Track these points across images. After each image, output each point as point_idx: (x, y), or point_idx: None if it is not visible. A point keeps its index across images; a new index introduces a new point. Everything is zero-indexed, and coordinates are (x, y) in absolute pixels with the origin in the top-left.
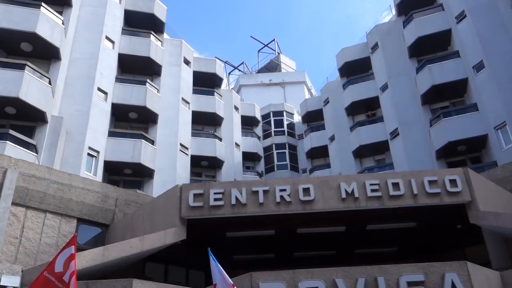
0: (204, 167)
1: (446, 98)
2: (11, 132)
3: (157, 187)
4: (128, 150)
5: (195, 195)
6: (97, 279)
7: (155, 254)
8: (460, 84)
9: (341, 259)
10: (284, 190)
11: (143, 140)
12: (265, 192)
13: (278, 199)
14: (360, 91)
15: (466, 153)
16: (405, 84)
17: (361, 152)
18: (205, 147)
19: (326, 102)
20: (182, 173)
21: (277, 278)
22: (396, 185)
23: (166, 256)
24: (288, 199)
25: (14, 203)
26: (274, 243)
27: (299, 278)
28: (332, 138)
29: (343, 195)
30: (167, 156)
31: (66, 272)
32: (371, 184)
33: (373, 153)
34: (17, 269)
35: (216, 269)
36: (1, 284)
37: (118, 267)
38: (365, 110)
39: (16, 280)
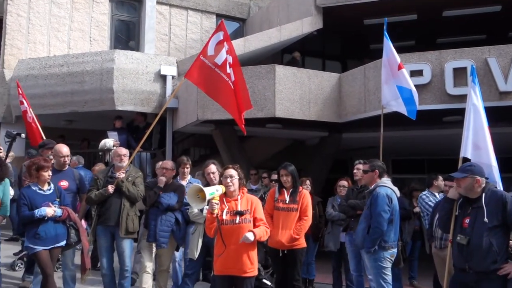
0: None
1: None
2: None
3: None
4: None
5: None
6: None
7: (292, 45)
8: None
9: (492, 44)
10: None
11: None
12: None
13: None
14: None
15: None
16: None
17: None
18: None
19: None
20: None
21: (421, 59)
22: None
23: (302, 47)
24: None
25: (158, 2)
26: (416, 29)
27: (445, 59)
28: None
29: None
30: None
31: (217, 55)
32: None
33: None
34: (172, 61)
35: (387, 45)
36: (161, 73)
37: (258, 58)
38: None
39: (173, 69)
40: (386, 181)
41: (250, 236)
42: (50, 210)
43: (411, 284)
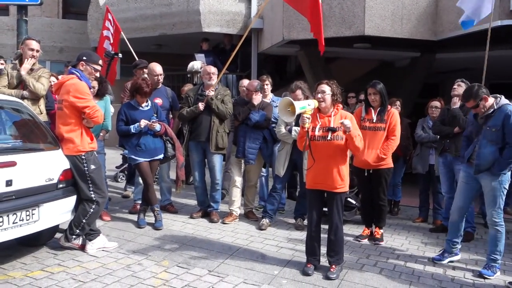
0: None
1: None
2: None
3: None
4: None
5: None
6: None
7: None
8: None
9: None
10: None
11: None
12: None
13: None
14: None
15: None
16: None
17: None
18: None
19: None
20: None
21: None
22: None
23: None
24: None
25: None
26: None
27: None
28: None
29: None
30: None
31: None
32: None
33: None
34: None
35: None
36: None
37: None
38: None
39: None
40: (505, 100)
41: (348, 122)
42: (143, 122)
43: (504, 211)
